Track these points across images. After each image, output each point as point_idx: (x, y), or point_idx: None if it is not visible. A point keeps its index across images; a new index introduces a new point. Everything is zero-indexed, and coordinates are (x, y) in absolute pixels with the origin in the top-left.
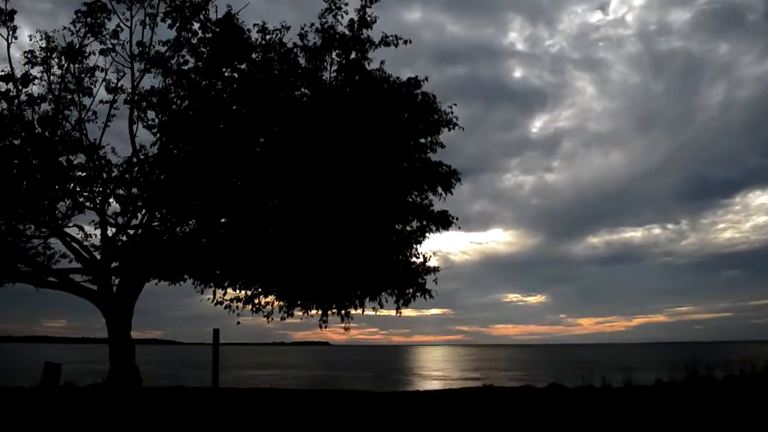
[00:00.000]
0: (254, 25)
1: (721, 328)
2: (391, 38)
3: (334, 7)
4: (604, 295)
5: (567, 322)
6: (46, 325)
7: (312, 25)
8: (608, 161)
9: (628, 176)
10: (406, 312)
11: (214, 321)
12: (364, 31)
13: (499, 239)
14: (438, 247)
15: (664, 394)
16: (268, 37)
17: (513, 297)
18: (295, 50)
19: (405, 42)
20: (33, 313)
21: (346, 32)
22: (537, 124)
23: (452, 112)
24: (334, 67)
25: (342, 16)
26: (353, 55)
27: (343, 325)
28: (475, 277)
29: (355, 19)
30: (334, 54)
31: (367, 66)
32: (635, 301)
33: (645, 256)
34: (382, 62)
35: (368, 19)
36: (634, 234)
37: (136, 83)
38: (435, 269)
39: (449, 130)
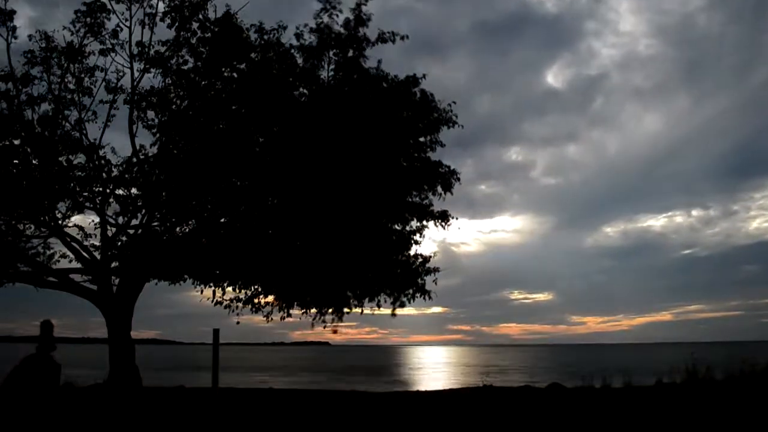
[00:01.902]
0: (252, 25)
1: (727, 328)
2: (387, 34)
3: (329, 7)
4: (613, 292)
5: (569, 321)
6: (35, 324)
7: (306, 25)
8: (641, 127)
9: (662, 147)
10: (406, 311)
11: (206, 319)
12: (361, 29)
13: (506, 227)
14: (439, 237)
15: (664, 394)
16: (265, 37)
17: (518, 294)
18: (293, 50)
19: (402, 38)
20: (22, 312)
21: (343, 31)
22: (562, 74)
23: (452, 110)
24: (332, 66)
25: (337, 15)
26: (350, 54)
27: (333, 325)
28: (478, 272)
29: (351, 18)
30: (331, 53)
31: (364, 64)
32: (644, 299)
33: (663, 248)
34: (380, 61)
35: (364, 17)
36: (654, 222)
37: (135, 83)
38: (435, 270)
39: (449, 128)
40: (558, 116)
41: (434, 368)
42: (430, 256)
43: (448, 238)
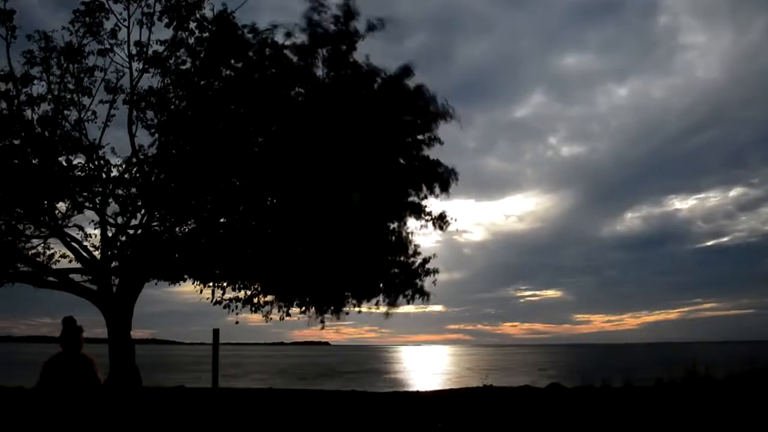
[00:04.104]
0: (244, 26)
1: (736, 328)
2: (377, 22)
3: (317, 5)
4: (623, 289)
5: (574, 320)
6: (27, 323)
7: (296, 24)
8: (696, 70)
9: (714, 99)
10: (405, 309)
11: (198, 317)
12: (351, 23)
13: (515, 211)
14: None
15: (664, 393)
16: (258, 37)
17: (525, 291)
18: (286, 50)
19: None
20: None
21: (333, 27)
22: None
23: (447, 103)
24: (326, 64)
25: (326, 12)
26: (343, 48)
27: (333, 325)
28: (482, 266)
29: (341, 14)
30: (324, 51)
31: (357, 59)
32: (655, 297)
33: (687, 237)
34: (368, 56)
35: (353, 11)
36: (682, 206)
37: (134, 83)
38: (434, 271)
39: (446, 121)
40: (595, 52)
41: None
42: (430, 257)
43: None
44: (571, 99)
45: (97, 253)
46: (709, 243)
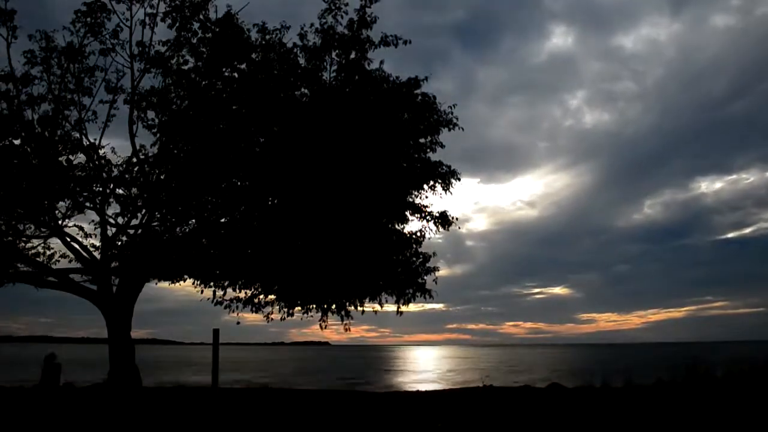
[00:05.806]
0: (254, 25)
1: (739, 327)
2: (390, 38)
3: (333, 8)
4: (632, 287)
5: (578, 320)
6: (27, 323)
7: (312, 25)
8: (759, 3)
9: None
10: (406, 308)
11: (193, 316)
12: (364, 31)
13: (525, 195)
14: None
15: (664, 393)
16: (267, 37)
17: (532, 289)
18: (295, 50)
19: (405, 42)
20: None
21: (346, 32)
22: None
23: (452, 112)
24: (334, 67)
25: (342, 17)
26: (353, 55)
27: (343, 324)
28: (486, 260)
29: (355, 19)
30: (333, 54)
31: (366, 66)
32: (665, 295)
33: (708, 228)
34: (382, 62)
35: (368, 19)
36: (708, 189)
37: (135, 83)
38: (435, 269)
39: (449, 130)
40: None
41: None
42: (430, 255)
43: (452, 213)
44: (602, 42)
45: (97, 253)
46: (730, 235)
